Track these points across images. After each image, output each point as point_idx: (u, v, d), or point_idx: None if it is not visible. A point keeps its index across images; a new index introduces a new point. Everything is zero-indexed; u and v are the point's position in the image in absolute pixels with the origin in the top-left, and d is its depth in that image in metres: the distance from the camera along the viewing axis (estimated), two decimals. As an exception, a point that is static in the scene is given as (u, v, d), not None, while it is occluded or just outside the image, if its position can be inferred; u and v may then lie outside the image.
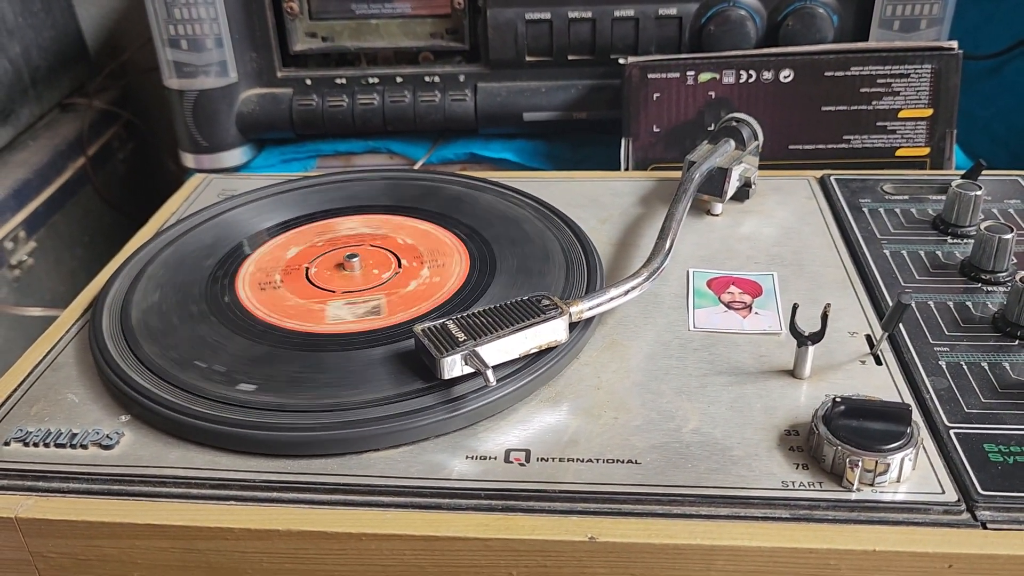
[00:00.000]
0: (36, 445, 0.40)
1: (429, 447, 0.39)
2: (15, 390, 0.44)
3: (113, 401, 0.42)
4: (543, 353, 0.42)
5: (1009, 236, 0.47)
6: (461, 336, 0.40)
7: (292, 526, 0.36)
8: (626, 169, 0.69)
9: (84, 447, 0.40)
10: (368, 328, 0.45)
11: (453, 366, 0.39)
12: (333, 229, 0.55)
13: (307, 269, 0.50)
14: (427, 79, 0.75)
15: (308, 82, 0.76)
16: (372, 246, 0.52)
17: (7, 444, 0.40)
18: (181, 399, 0.40)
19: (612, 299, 0.44)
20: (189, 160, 0.79)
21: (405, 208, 0.57)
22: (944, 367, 0.42)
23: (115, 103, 1.05)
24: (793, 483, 0.36)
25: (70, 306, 0.50)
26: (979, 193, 0.52)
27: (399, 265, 0.50)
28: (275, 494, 0.37)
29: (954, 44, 0.65)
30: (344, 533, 0.35)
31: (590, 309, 0.43)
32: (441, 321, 0.41)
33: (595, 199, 0.60)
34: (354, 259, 0.49)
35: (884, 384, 0.41)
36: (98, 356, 0.44)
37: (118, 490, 0.38)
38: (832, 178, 0.60)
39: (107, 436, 0.40)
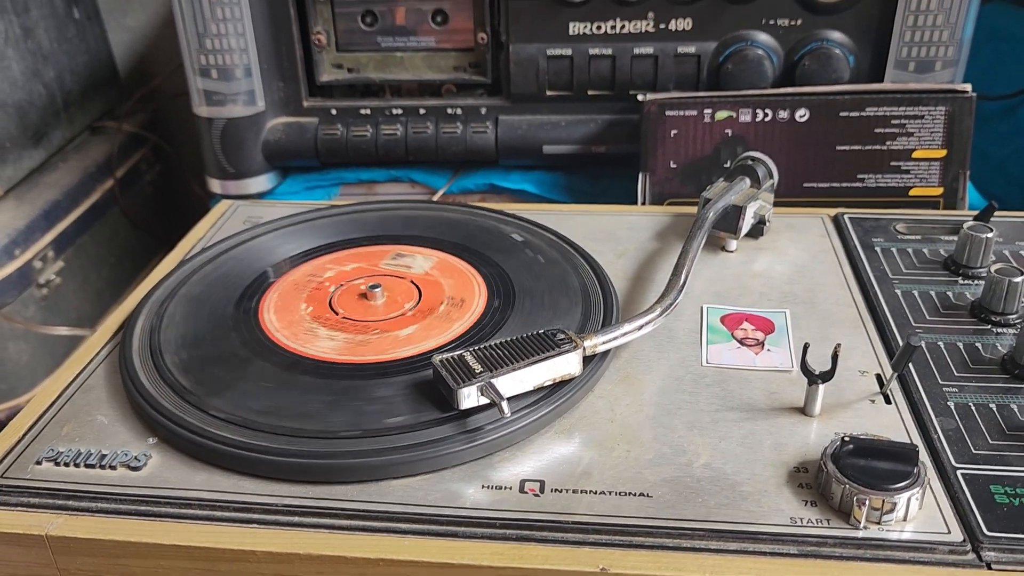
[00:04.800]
0: (67, 465, 0.41)
1: (447, 476, 0.40)
2: (47, 410, 0.45)
3: (141, 423, 0.44)
4: (558, 386, 0.43)
5: (1019, 279, 0.48)
6: (478, 368, 0.41)
7: (312, 550, 0.37)
8: (643, 203, 0.70)
9: (113, 468, 0.41)
10: (390, 358, 0.46)
11: (469, 397, 0.41)
12: (355, 259, 0.56)
13: (331, 298, 0.52)
14: (449, 111, 0.77)
15: (333, 112, 0.78)
16: (393, 276, 0.54)
17: (39, 463, 0.41)
18: (207, 423, 0.42)
19: (626, 334, 0.45)
20: (216, 186, 0.81)
21: (426, 239, 0.58)
22: (952, 408, 0.43)
23: (143, 127, 1.08)
24: (801, 519, 0.37)
25: (100, 328, 0.52)
26: (990, 235, 0.53)
27: (420, 295, 0.52)
28: (296, 518, 0.38)
29: (968, 87, 0.66)
30: (362, 558, 0.36)
31: (604, 343, 0.44)
32: (459, 352, 0.42)
33: (612, 233, 0.61)
34: (376, 289, 0.51)
35: (893, 423, 0.42)
36: (127, 379, 0.45)
37: (145, 511, 0.39)
38: (846, 217, 0.61)
39: (135, 458, 0.41)
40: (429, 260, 0.56)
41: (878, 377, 0.45)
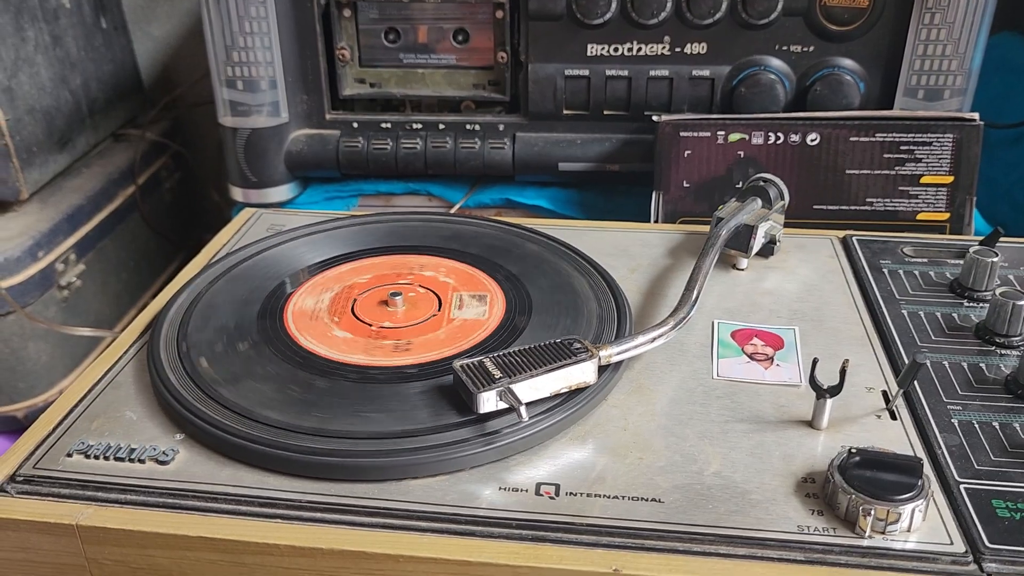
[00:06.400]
0: (96, 457, 0.43)
1: (464, 477, 0.41)
2: (77, 404, 0.46)
3: (168, 420, 0.45)
4: (574, 393, 0.44)
5: (1023, 302, 0.49)
6: (497, 373, 0.43)
7: (334, 545, 0.38)
8: (656, 221, 0.72)
9: (141, 461, 0.42)
10: (411, 363, 0.48)
11: (488, 401, 0.42)
12: (377, 267, 0.58)
13: (353, 305, 0.53)
14: (468, 127, 0.79)
15: (355, 125, 0.80)
16: (414, 285, 0.55)
17: (69, 455, 0.43)
18: (233, 421, 0.43)
19: (639, 345, 0.46)
20: (237, 194, 0.82)
21: (446, 250, 0.60)
22: (956, 425, 0.44)
23: (165, 135, 1.10)
24: (808, 528, 0.38)
25: (128, 328, 0.53)
26: (996, 259, 0.54)
27: (439, 304, 0.53)
28: (319, 515, 0.39)
29: (975, 115, 0.68)
30: (383, 554, 0.37)
31: (619, 354, 0.46)
32: (479, 358, 0.44)
33: (625, 249, 0.62)
34: (398, 297, 0.52)
35: (898, 438, 0.43)
36: (155, 377, 0.47)
37: (172, 503, 0.40)
38: (854, 239, 0.62)
39: (163, 452, 0.43)
40: (448, 269, 0.57)
41: (884, 394, 0.47)
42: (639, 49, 0.75)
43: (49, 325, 0.83)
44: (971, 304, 0.54)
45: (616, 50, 0.75)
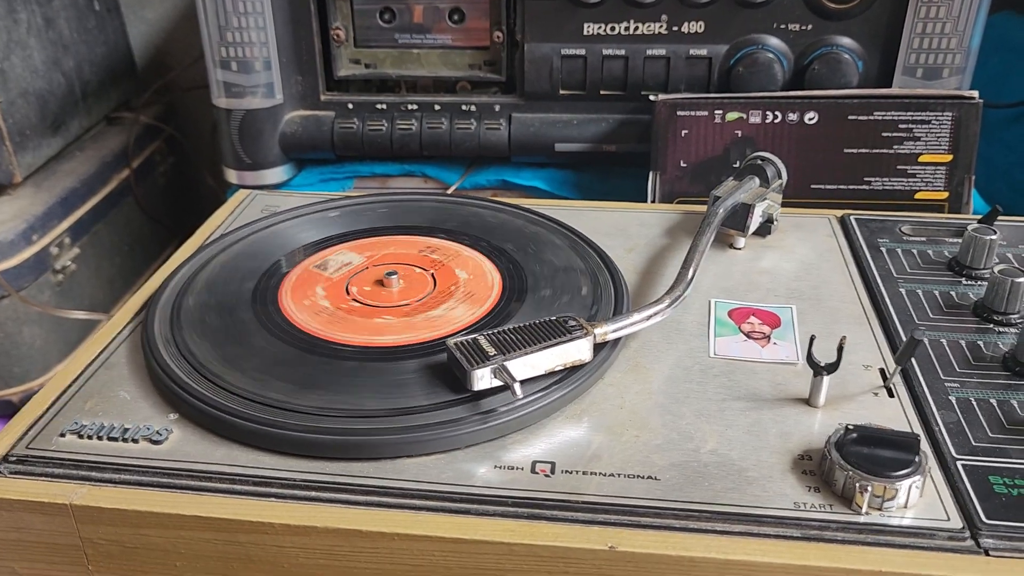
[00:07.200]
0: (90, 437, 0.42)
1: (459, 456, 0.41)
2: (71, 385, 0.46)
3: (162, 400, 0.45)
4: (570, 372, 0.44)
5: (1022, 279, 0.49)
6: (491, 351, 0.42)
7: (328, 524, 0.38)
8: (653, 201, 0.71)
9: (135, 441, 0.42)
10: (406, 342, 0.47)
11: (482, 378, 0.42)
12: (373, 247, 0.58)
13: (348, 284, 0.53)
14: (464, 107, 0.78)
15: (350, 106, 0.79)
16: (408, 264, 0.55)
17: (63, 435, 0.43)
18: (227, 400, 0.43)
19: (635, 323, 0.46)
20: (232, 176, 0.82)
21: (442, 230, 0.60)
22: (954, 402, 0.44)
23: (158, 118, 1.09)
24: (805, 504, 0.38)
25: (122, 308, 0.53)
26: (994, 237, 0.54)
27: (435, 283, 0.53)
28: (313, 493, 0.39)
29: (975, 93, 0.67)
30: (377, 532, 0.37)
31: (614, 331, 0.45)
32: (473, 336, 0.44)
33: (622, 229, 0.62)
34: (393, 276, 0.52)
35: (895, 415, 0.43)
36: (149, 356, 0.47)
37: (166, 483, 0.40)
38: (852, 218, 0.62)
39: (157, 432, 0.42)
40: (443, 249, 0.57)
41: (881, 371, 0.46)
42: (636, 28, 0.74)
43: (44, 309, 0.83)
44: (969, 282, 0.54)
45: (613, 29, 0.74)
